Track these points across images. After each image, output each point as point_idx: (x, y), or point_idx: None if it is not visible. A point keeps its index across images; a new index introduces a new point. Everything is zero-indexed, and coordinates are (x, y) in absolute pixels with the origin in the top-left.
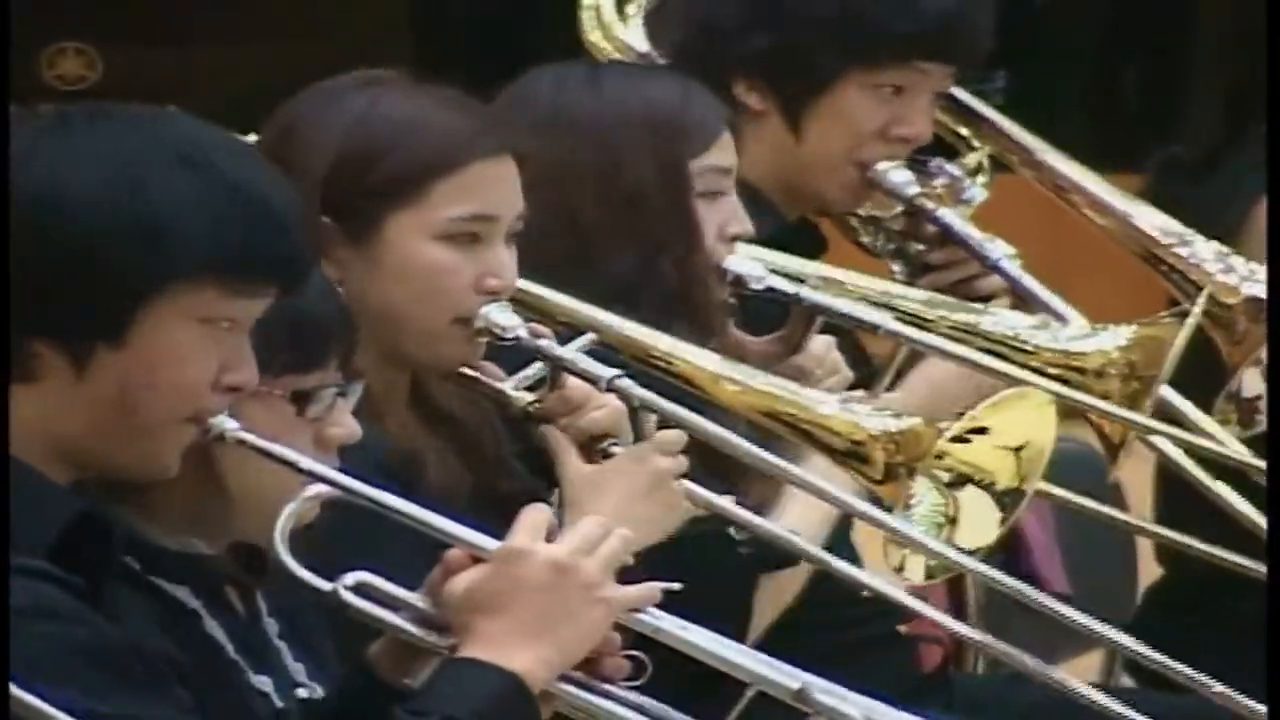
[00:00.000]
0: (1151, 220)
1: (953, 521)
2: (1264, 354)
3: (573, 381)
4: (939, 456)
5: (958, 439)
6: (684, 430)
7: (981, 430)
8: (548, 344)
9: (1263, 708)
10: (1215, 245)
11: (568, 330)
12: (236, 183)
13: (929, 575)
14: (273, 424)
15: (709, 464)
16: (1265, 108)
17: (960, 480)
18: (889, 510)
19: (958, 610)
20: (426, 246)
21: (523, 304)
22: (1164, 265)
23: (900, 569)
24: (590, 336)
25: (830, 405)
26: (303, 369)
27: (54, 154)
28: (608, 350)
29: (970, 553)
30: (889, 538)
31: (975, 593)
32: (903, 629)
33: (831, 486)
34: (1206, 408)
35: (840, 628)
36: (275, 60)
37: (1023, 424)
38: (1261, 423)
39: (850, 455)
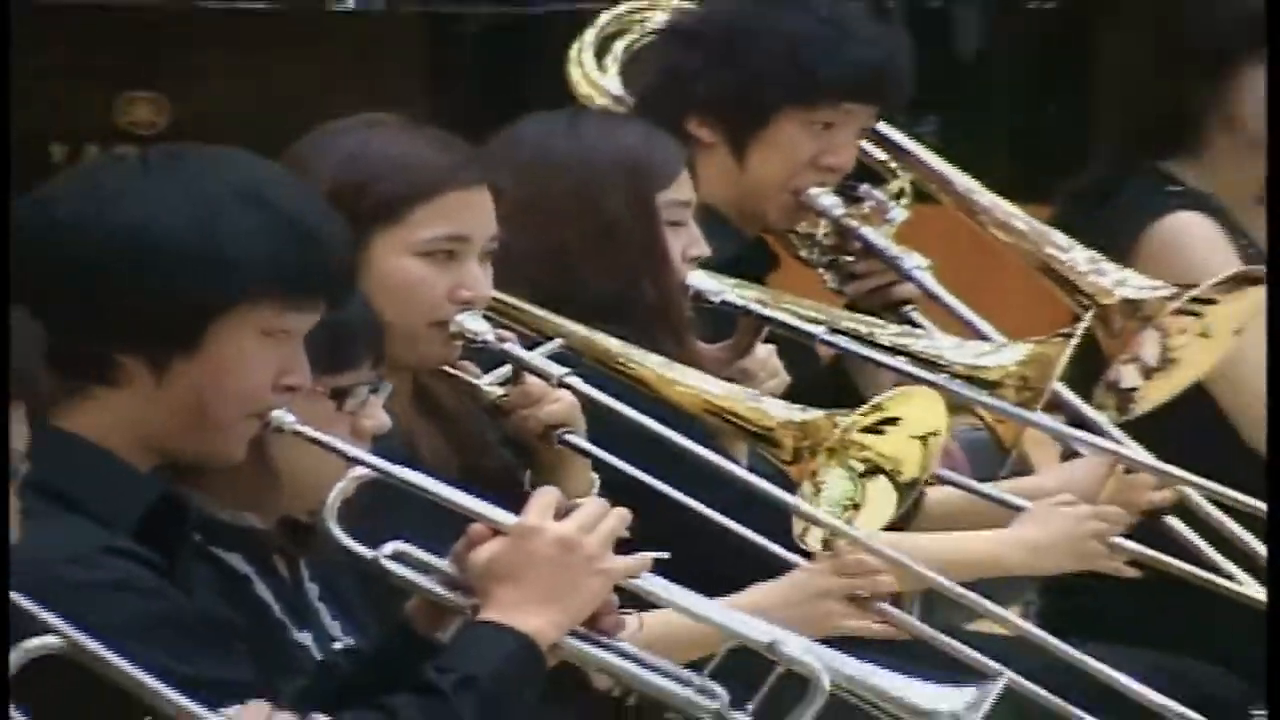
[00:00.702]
0: (1044, 236)
1: (856, 507)
2: (1142, 351)
3: (532, 379)
4: (859, 448)
5: (872, 429)
6: (621, 420)
7: (893, 420)
8: (510, 346)
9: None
10: (1091, 254)
11: (540, 336)
12: (292, 215)
13: (825, 545)
14: (315, 417)
15: (647, 452)
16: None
17: (873, 470)
18: (798, 486)
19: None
20: (406, 262)
21: (506, 314)
22: (1055, 274)
23: (801, 536)
24: (558, 341)
25: (747, 399)
26: (340, 369)
27: (138, 193)
28: (573, 354)
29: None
30: (794, 513)
31: None
32: None
33: (749, 476)
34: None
35: None
36: (305, 104)
37: (927, 415)
38: (1134, 411)
39: (763, 440)
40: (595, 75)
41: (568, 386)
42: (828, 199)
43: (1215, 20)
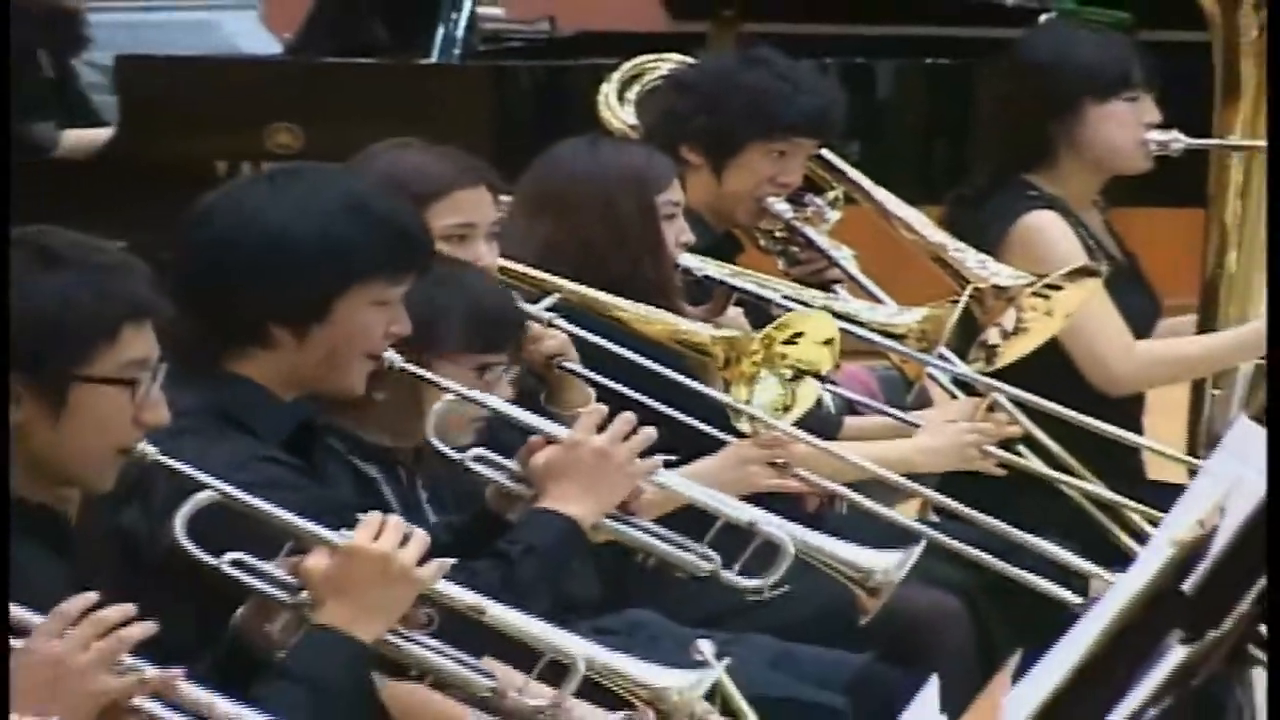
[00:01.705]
0: (939, 235)
1: (788, 409)
2: (1003, 321)
3: (533, 324)
4: (782, 357)
5: (789, 341)
6: (598, 346)
7: (800, 334)
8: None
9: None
10: (975, 252)
11: (542, 293)
12: (387, 215)
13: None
14: (460, 382)
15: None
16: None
17: (799, 374)
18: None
19: None
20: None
21: (512, 277)
22: (945, 263)
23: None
24: (555, 296)
25: (693, 328)
26: (489, 351)
27: (274, 206)
28: (569, 306)
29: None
30: (730, 408)
31: None
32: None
33: (703, 388)
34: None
35: None
36: (397, 131)
37: (823, 327)
38: (995, 364)
39: (704, 352)
40: (617, 109)
41: (556, 326)
42: (781, 205)
43: (1063, 72)
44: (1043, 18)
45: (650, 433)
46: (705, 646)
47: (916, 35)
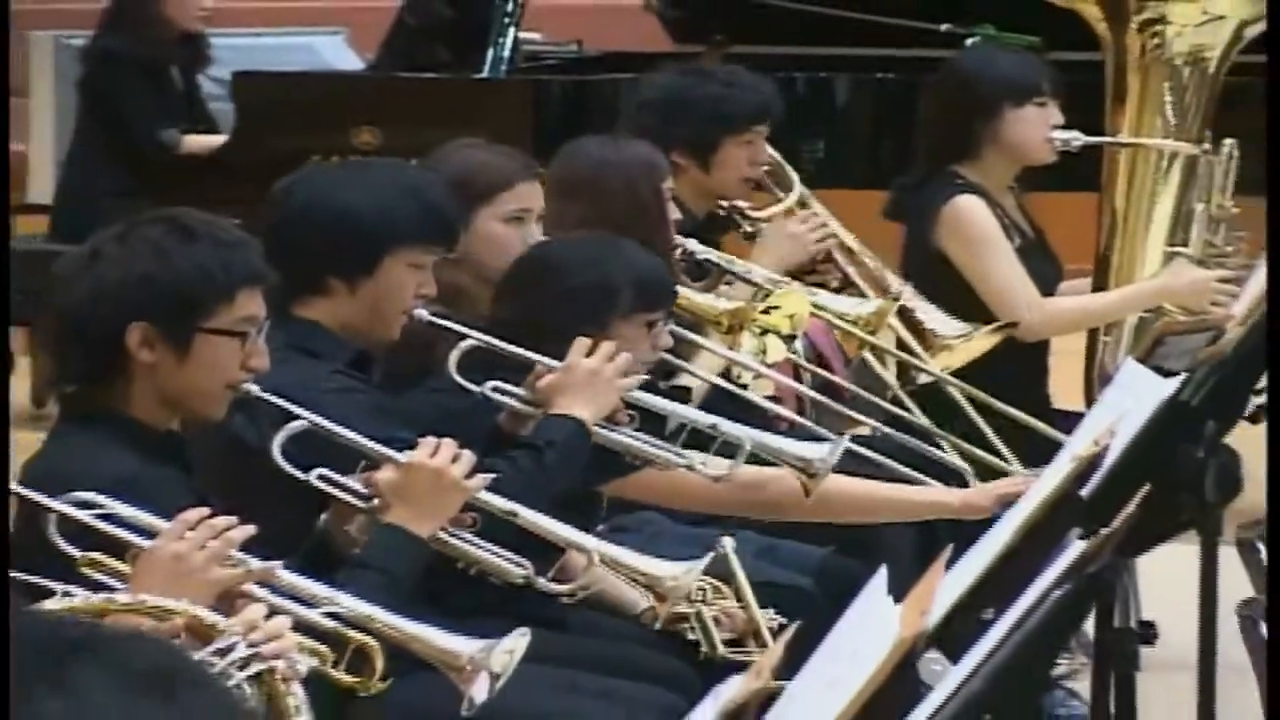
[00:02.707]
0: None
1: (764, 352)
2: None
3: None
4: (762, 325)
5: (766, 311)
6: None
7: (777, 306)
8: None
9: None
10: (936, 312)
11: None
12: (425, 196)
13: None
14: (636, 338)
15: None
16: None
17: (768, 332)
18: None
19: (799, 406)
20: (496, 226)
21: None
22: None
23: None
24: None
25: (699, 298)
26: (653, 309)
27: (341, 187)
28: None
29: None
30: (730, 362)
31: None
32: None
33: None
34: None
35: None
36: (456, 133)
37: (796, 303)
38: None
39: (710, 321)
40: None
41: None
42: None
43: (986, 84)
44: (969, 41)
45: (627, 357)
46: (727, 542)
47: (868, 55)
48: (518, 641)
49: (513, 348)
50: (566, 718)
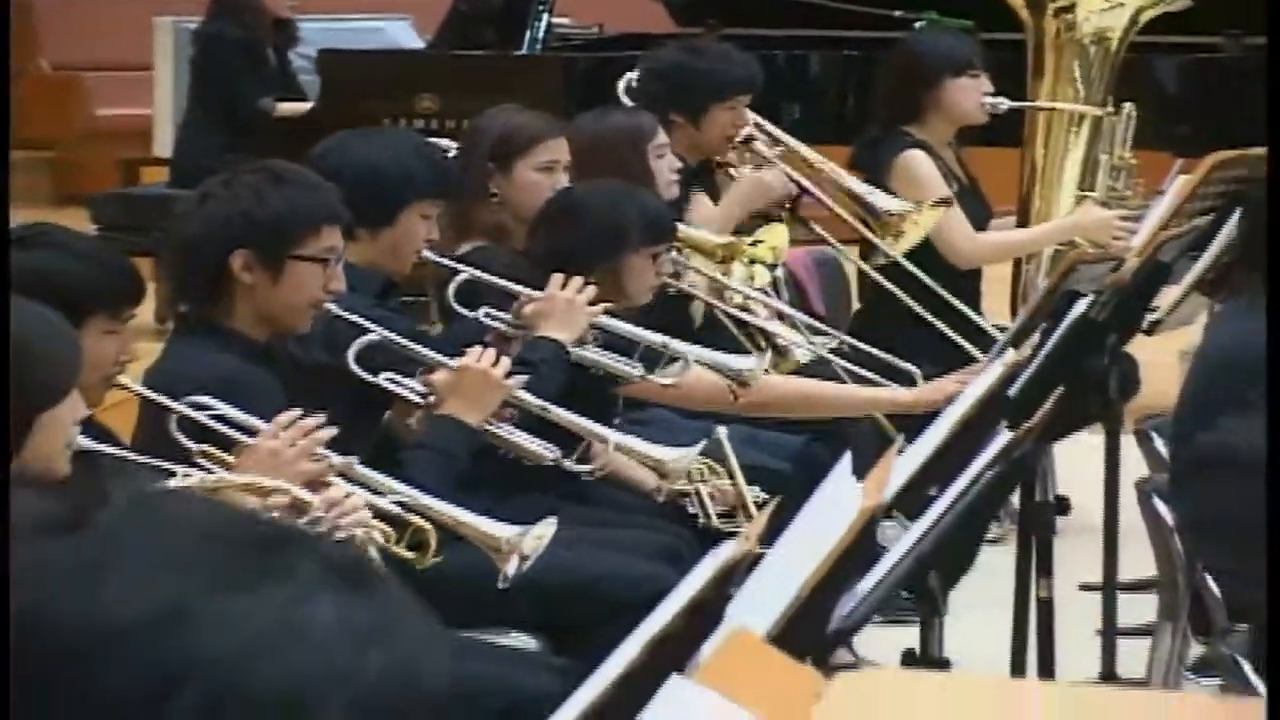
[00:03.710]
0: (850, 181)
1: (752, 280)
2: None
3: None
4: (750, 256)
5: (753, 244)
6: None
7: (761, 240)
8: None
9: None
10: (882, 194)
11: None
12: (434, 157)
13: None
14: (646, 269)
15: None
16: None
17: (755, 262)
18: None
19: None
20: (532, 174)
21: None
22: (850, 194)
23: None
24: None
25: (696, 233)
26: (659, 243)
27: (365, 144)
28: None
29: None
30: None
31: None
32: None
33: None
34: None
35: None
36: (498, 100)
37: (777, 237)
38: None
39: (706, 253)
40: (620, 92)
41: None
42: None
43: (930, 59)
44: (916, 24)
45: (592, 290)
46: (721, 431)
47: (835, 36)
48: (546, 528)
49: (499, 280)
50: (588, 566)
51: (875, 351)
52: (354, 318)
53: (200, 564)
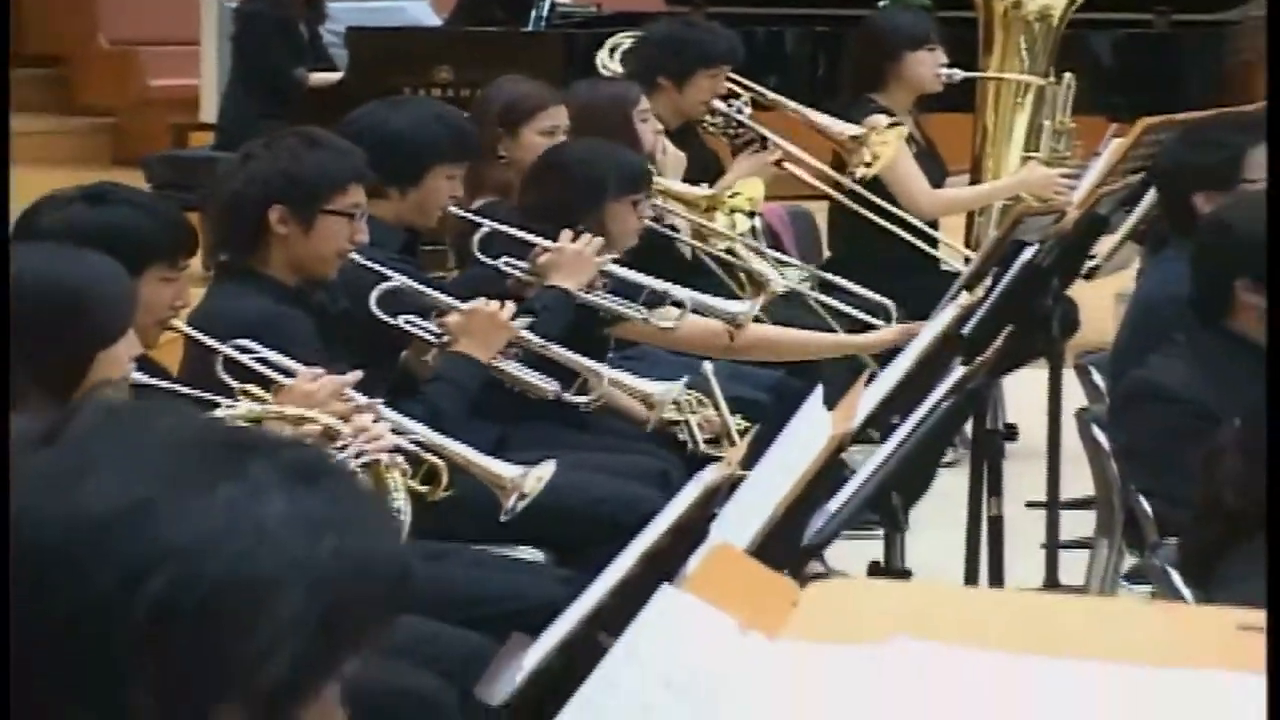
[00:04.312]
0: (817, 116)
1: (734, 228)
2: (862, 154)
3: None
4: (730, 206)
5: (732, 196)
6: None
7: (739, 193)
8: None
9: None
10: (848, 123)
11: None
12: (458, 124)
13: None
14: (626, 215)
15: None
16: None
17: (735, 212)
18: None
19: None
20: (536, 138)
21: None
22: (823, 130)
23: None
24: None
25: (680, 187)
26: (637, 191)
27: (391, 112)
28: None
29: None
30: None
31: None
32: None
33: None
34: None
35: None
36: (506, 70)
37: (753, 190)
38: (864, 177)
39: (692, 206)
40: (608, 61)
41: None
42: (719, 104)
43: (892, 34)
44: (880, 3)
45: (600, 241)
46: (707, 366)
47: (810, 14)
48: (546, 468)
49: (518, 231)
50: (588, 490)
51: (853, 287)
52: (375, 265)
53: (164, 467)
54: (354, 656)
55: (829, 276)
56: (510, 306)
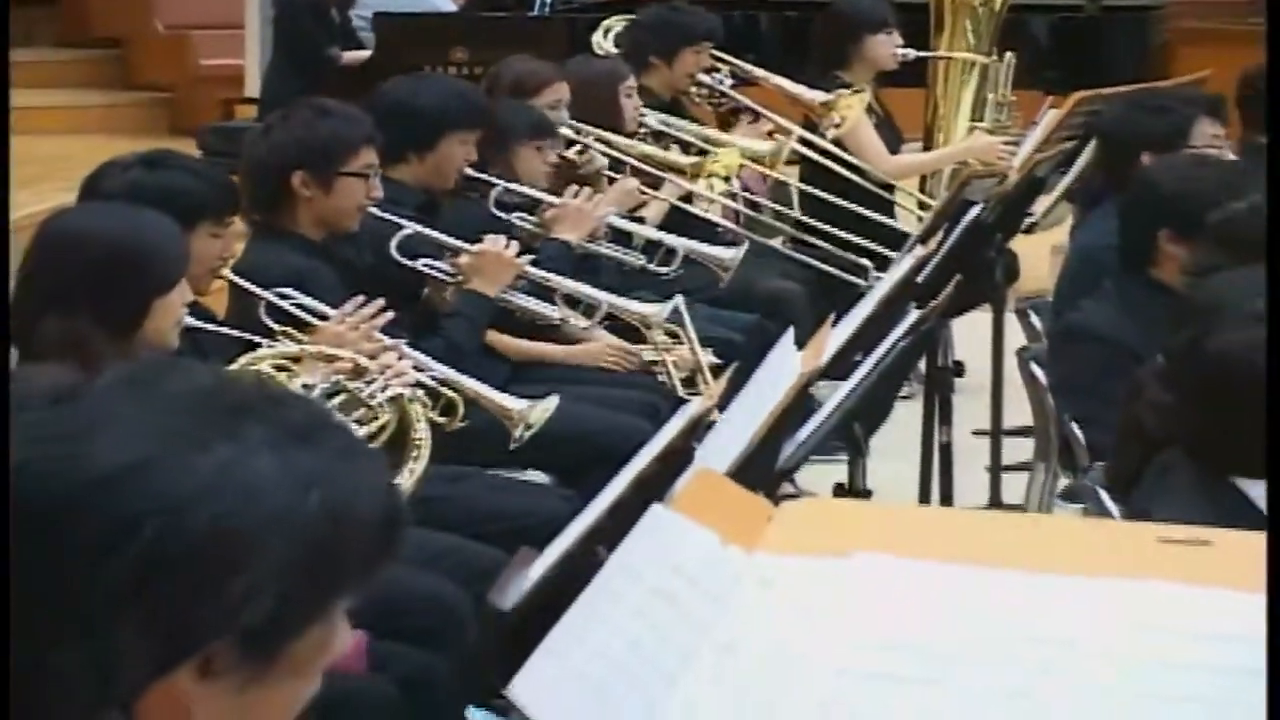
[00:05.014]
0: (790, 85)
1: (714, 188)
2: (833, 119)
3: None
4: (709, 171)
5: (713, 163)
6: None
7: (719, 159)
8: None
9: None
10: (808, 89)
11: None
12: (472, 97)
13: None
14: (533, 158)
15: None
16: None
17: (714, 175)
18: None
19: (736, 219)
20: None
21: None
22: (794, 98)
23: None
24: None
25: (667, 154)
26: (544, 137)
27: (412, 87)
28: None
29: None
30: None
31: (742, 215)
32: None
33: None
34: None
35: None
36: (510, 52)
37: (729, 157)
38: (835, 134)
39: (676, 171)
40: (602, 42)
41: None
42: (704, 77)
43: (853, 17)
44: None
45: (600, 197)
46: (679, 299)
47: (783, 0)
48: (549, 402)
49: (528, 190)
50: (588, 420)
51: (828, 247)
52: (391, 217)
53: (167, 427)
54: (342, 597)
55: (812, 229)
56: (515, 245)
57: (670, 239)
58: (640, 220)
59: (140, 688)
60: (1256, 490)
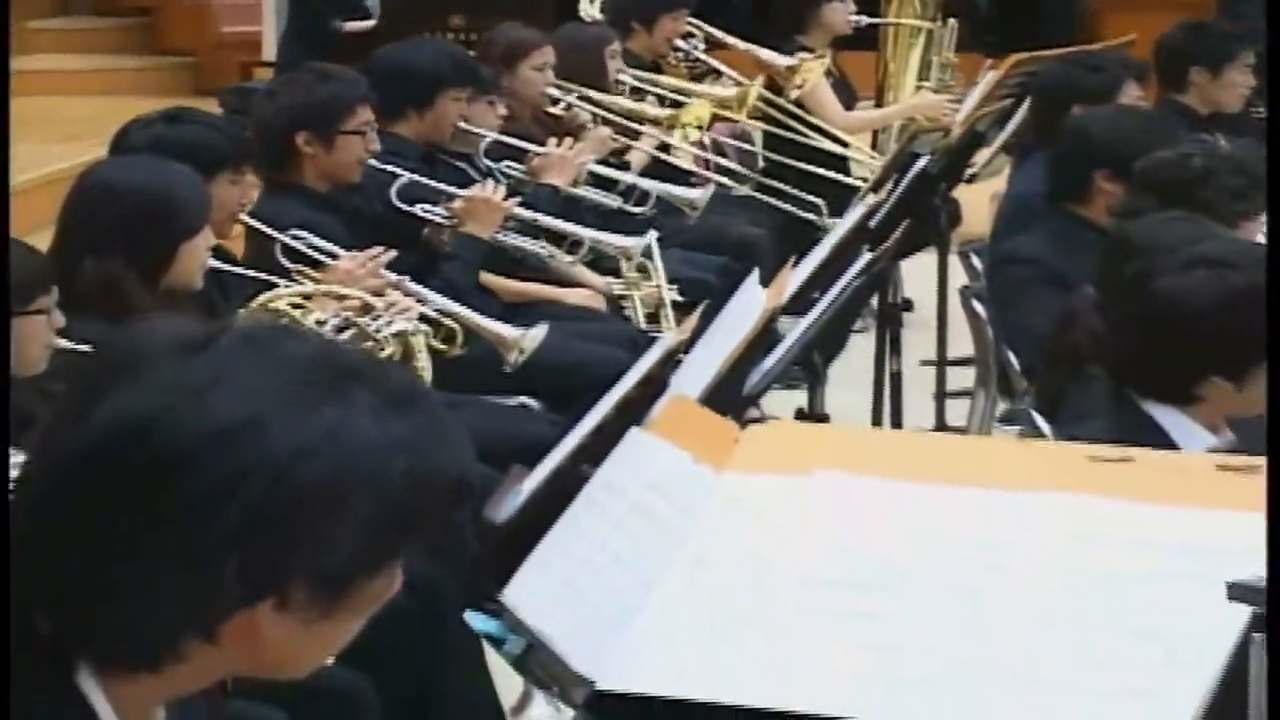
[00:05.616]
0: (758, 50)
1: (687, 138)
2: (796, 81)
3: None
4: (683, 122)
5: (689, 112)
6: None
7: (692, 110)
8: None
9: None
10: (776, 54)
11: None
12: (463, 59)
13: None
14: (486, 112)
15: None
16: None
17: (686, 126)
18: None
19: (707, 167)
20: (533, 74)
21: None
22: (760, 61)
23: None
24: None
25: (644, 107)
26: (488, 92)
27: (408, 50)
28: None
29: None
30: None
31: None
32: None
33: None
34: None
35: None
36: (504, 19)
37: (703, 110)
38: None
39: (654, 123)
40: (589, 9)
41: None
42: (680, 42)
43: None
44: None
45: (581, 145)
46: (652, 234)
47: None
48: (540, 331)
49: (516, 141)
50: (574, 351)
51: (786, 188)
52: (391, 169)
53: (281, 388)
54: (413, 545)
55: (777, 175)
56: (502, 189)
57: (644, 181)
58: (624, 167)
59: (227, 617)
60: (1162, 415)
